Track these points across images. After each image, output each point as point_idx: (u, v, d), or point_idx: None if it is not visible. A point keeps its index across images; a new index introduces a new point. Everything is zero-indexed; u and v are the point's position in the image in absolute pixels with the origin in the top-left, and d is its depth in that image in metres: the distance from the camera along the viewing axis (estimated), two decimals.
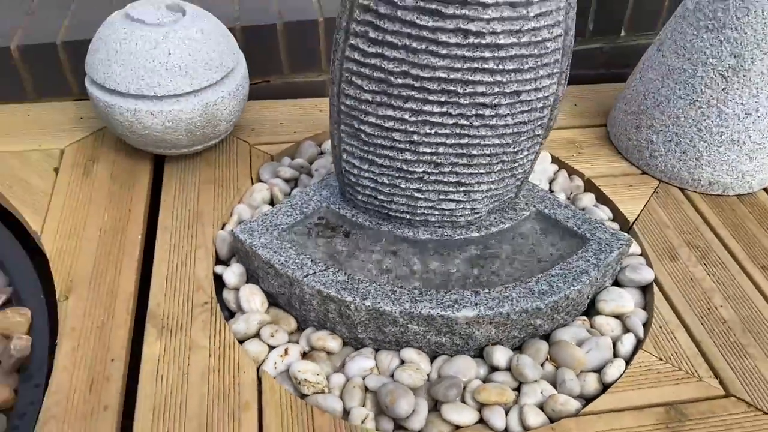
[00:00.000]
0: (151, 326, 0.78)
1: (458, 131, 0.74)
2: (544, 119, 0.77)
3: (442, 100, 0.71)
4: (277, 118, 1.14)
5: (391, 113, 0.73)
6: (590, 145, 1.12)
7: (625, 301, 0.83)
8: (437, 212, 0.83)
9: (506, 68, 0.69)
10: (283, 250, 0.81)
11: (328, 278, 0.77)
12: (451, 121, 0.73)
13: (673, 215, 0.98)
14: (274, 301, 0.84)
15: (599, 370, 0.77)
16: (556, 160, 1.09)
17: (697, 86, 0.96)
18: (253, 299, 0.82)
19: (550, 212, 0.89)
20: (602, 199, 1.02)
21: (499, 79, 0.70)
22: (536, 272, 0.81)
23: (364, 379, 0.75)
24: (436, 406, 0.74)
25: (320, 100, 1.18)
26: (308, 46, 1.15)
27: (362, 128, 0.76)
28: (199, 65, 0.90)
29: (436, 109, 0.72)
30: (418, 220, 0.84)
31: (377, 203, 0.83)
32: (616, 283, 0.88)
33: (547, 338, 0.81)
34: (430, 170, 0.78)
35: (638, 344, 0.80)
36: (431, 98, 0.71)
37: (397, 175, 0.79)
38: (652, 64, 1.03)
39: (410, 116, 0.73)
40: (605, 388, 0.75)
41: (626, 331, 0.82)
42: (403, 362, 0.77)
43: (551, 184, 1.04)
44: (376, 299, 0.75)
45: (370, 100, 0.73)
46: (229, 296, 0.84)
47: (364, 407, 0.72)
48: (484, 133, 0.74)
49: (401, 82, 0.70)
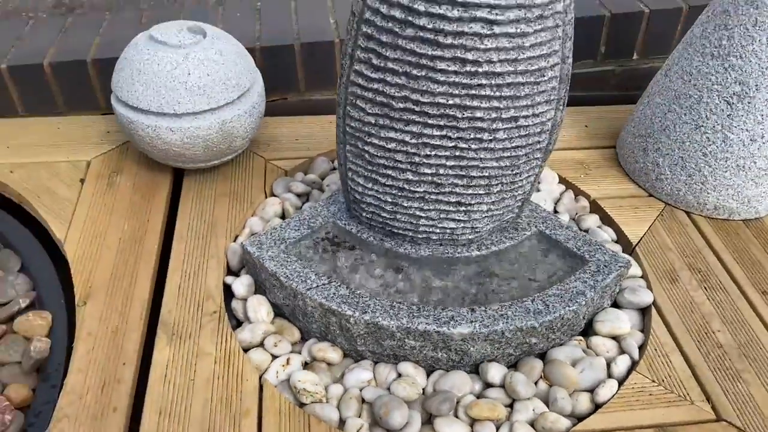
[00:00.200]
0: (162, 332, 0.82)
1: (457, 154, 0.76)
2: (542, 143, 0.79)
3: (441, 123, 0.74)
4: (293, 134, 1.18)
5: (393, 135, 0.76)
6: (598, 166, 1.14)
7: (621, 322, 0.85)
8: (438, 230, 0.85)
9: (503, 95, 0.72)
10: (288, 263, 0.84)
11: (330, 292, 0.80)
12: (450, 144, 0.76)
13: (676, 238, 0.99)
14: (279, 312, 0.87)
15: (592, 390, 0.78)
16: (563, 180, 1.11)
17: (702, 112, 0.97)
18: (259, 310, 0.85)
19: (551, 233, 0.91)
20: (607, 220, 1.04)
21: (496, 105, 0.72)
22: (534, 292, 0.83)
23: (361, 390, 0.78)
24: (429, 419, 0.76)
25: (335, 117, 1.22)
26: (324, 65, 1.20)
27: (366, 149, 0.79)
28: (216, 85, 0.94)
29: (435, 132, 0.75)
30: (420, 237, 0.87)
31: (381, 220, 0.86)
32: (615, 304, 0.90)
33: (543, 356, 0.83)
34: (430, 190, 0.81)
35: (633, 366, 0.81)
36: (431, 122, 0.74)
37: (399, 194, 0.82)
38: (659, 88, 1.05)
39: (411, 138, 0.76)
40: (597, 407, 0.77)
41: (622, 352, 0.83)
42: (400, 375, 0.80)
43: (556, 204, 1.06)
44: (375, 313, 0.78)
45: (373, 122, 0.76)
46: (237, 306, 0.88)
47: (359, 418, 0.75)
48: (482, 156, 0.77)
49: (402, 106, 0.73)
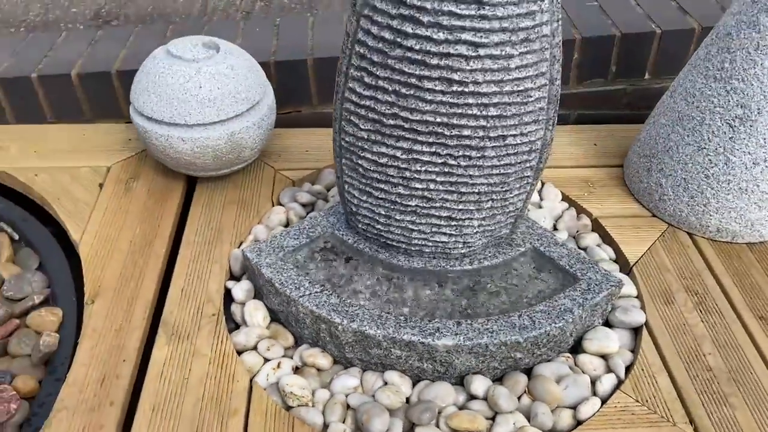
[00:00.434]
0: (162, 332, 0.86)
1: (447, 170, 0.79)
2: (532, 162, 0.81)
3: (430, 140, 0.76)
4: (303, 145, 1.22)
5: (384, 150, 0.79)
6: (604, 185, 1.14)
7: (610, 341, 0.85)
8: (431, 243, 0.87)
9: (490, 114, 0.74)
10: (285, 270, 0.87)
11: (321, 300, 0.83)
12: (440, 160, 0.78)
13: (675, 259, 0.99)
14: (275, 317, 0.90)
15: (575, 407, 0.79)
16: (566, 198, 1.11)
17: (704, 134, 0.97)
18: (255, 314, 0.89)
19: (545, 250, 0.92)
20: (607, 239, 1.04)
21: (483, 124, 0.74)
22: (524, 307, 0.84)
23: (347, 396, 0.80)
24: (412, 428, 0.78)
25: None
26: (336, 79, 1.23)
27: (360, 163, 0.82)
28: (226, 97, 0.99)
29: (425, 148, 0.77)
30: (413, 249, 0.89)
31: (375, 232, 0.89)
32: (607, 323, 0.90)
33: (530, 371, 0.84)
34: (422, 204, 0.83)
35: (619, 385, 0.82)
36: (420, 139, 0.76)
37: (392, 207, 0.84)
38: (664, 109, 1.05)
39: (402, 154, 0.78)
40: (578, 424, 0.77)
41: (609, 371, 0.83)
42: (386, 384, 0.82)
43: (557, 221, 1.06)
44: (362, 322, 0.80)
45: (365, 137, 0.79)
46: (236, 310, 0.91)
47: (343, 423, 0.77)
48: (471, 173, 0.79)
49: (392, 123, 0.76)
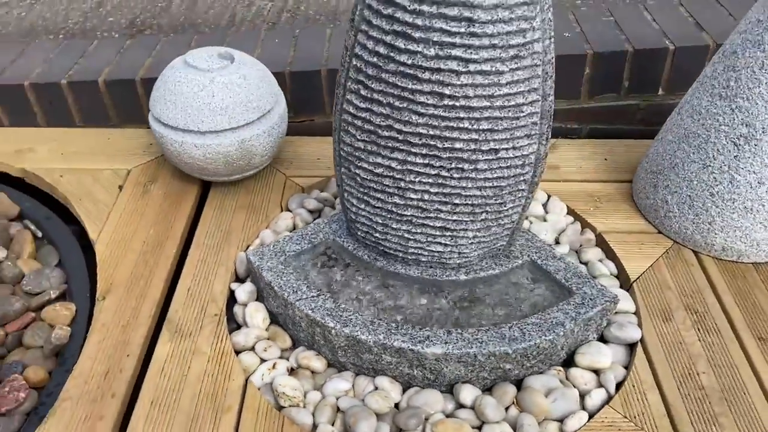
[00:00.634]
0: (166, 330, 0.90)
1: (440, 181, 0.80)
2: (526, 175, 0.82)
3: (424, 152, 0.78)
4: (315, 153, 1.25)
5: (380, 161, 0.81)
6: (611, 200, 1.14)
7: (602, 356, 0.85)
8: (427, 253, 0.89)
9: (481, 128, 0.75)
10: (284, 274, 0.90)
11: (317, 304, 0.86)
12: (433, 171, 0.80)
13: (678, 277, 0.98)
14: (275, 319, 0.93)
15: (563, 420, 0.80)
16: (572, 212, 1.12)
17: (710, 151, 0.96)
18: (255, 316, 0.92)
19: (542, 263, 0.92)
20: (610, 254, 1.04)
21: (474, 137, 0.76)
22: (517, 319, 0.85)
23: (338, 399, 0.82)
24: None
25: None
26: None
27: (357, 172, 0.84)
28: (237, 106, 1.02)
29: (419, 160, 0.79)
30: (410, 258, 0.91)
31: (374, 240, 0.91)
32: (602, 338, 0.90)
33: (520, 383, 0.85)
34: (417, 214, 0.85)
35: (608, 400, 0.82)
36: (414, 150, 0.78)
37: (389, 216, 0.87)
38: (671, 126, 1.05)
39: (397, 165, 0.81)
40: None
41: (600, 385, 0.84)
42: (376, 388, 0.84)
43: (560, 235, 1.07)
44: (354, 327, 0.83)
45: (362, 148, 0.82)
46: (238, 311, 0.95)
47: (332, 425, 0.80)
48: (464, 185, 0.80)
49: (387, 134, 0.78)
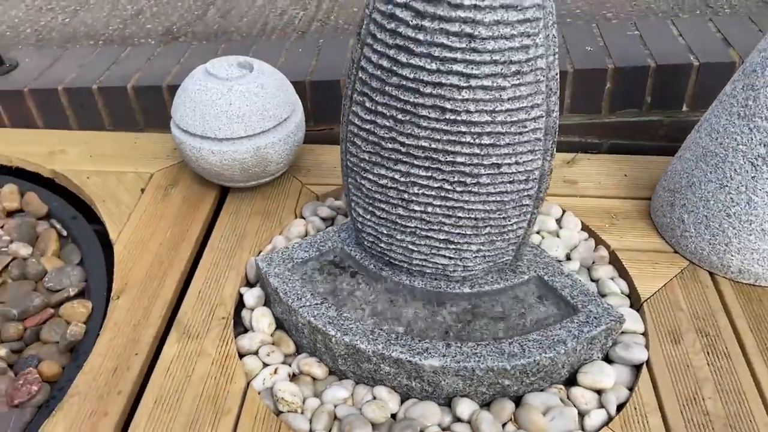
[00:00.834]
0: (174, 330, 0.93)
1: (443, 194, 0.81)
2: (530, 191, 0.81)
3: (426, 165, 0.79)
4: (332, 161, 1.27)
5: (384, 172, 0.82)
6: (627, 217, 1.12)
7: (605, 376, 0.84)
8: (431, 265, 0.89)
9: (483, 143, 0.75)
10: (291, 281, 0.92)
11: (320, 312, 0.87)
12: (436, 184, 0.80)
13: (691, 299, 0.96)
14: (281, 325, 0.95)
15: None
16: (586, 227, 1.10)
17: (727, 171, 0.94)
18: (262, 320, 0.93)
19: (549, 279, 0.92)
20: (622, 273, 1.02)
21: (476, 151, 0.76)
22: (518, 334, 0.85)
23: (335, 407, 0.83)
24: None
25: None
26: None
27: (363, 183, 0.85)
28: (254, 114, 1.05)
29: (422, 173, 0.80)
30: (415, 270, 0.91)
31: (380, 250, 0.92)
32: (607, 358, 0.89)
33: (520, 399, 0.84)
34: (421, 226, 0.85)
35: (608, 421, 0.80)
36: (417, 163, 0.79)
37: (393, 227, 0.87)
38: (690, 144, 1.03)
39: (400, 177, 0.81)
40: None
41: (601, 406, 0.82)
42: (374, 398, 0.84)
43: (571, 251, 1.06)
44: (354, 336, 0.83)
45: (367, 159, 0.83)
46: (246, 315, 0.97)
47: None
48: (467, 198, 0.81)
49: (391, 146, 0.79)
